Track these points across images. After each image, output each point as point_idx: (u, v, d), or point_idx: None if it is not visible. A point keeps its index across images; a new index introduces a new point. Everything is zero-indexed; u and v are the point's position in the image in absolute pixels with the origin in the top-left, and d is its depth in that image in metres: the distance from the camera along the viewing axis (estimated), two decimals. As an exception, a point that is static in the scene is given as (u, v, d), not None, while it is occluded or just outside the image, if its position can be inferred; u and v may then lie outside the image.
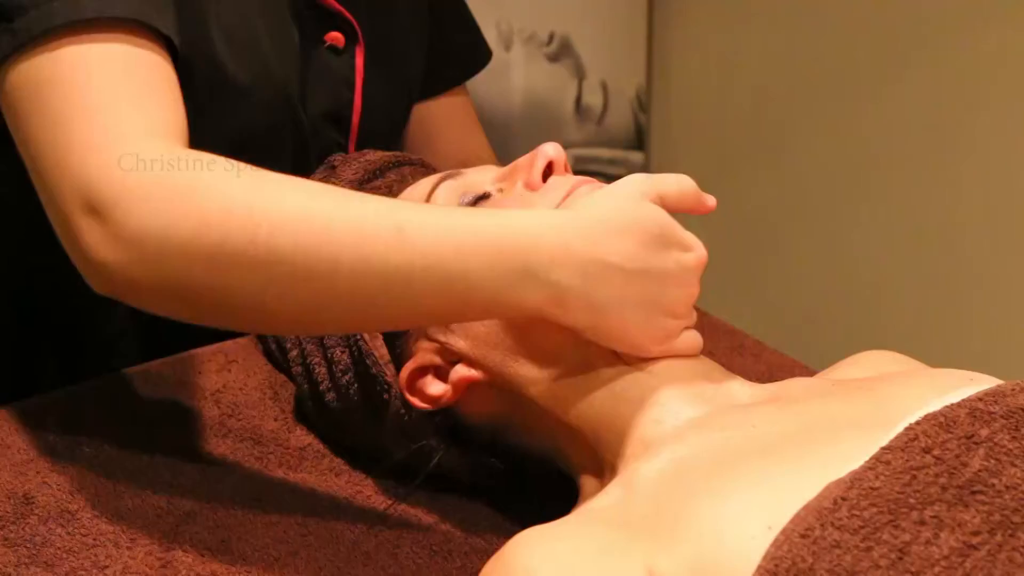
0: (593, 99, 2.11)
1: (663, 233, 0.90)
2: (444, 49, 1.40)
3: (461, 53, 1.45)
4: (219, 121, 1.11)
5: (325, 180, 1.14)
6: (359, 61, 1.24)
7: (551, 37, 2.04)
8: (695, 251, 0.92)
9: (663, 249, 0.90)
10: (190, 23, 1.04)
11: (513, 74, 1.93)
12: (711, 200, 0.96)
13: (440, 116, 1.42)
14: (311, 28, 1.21)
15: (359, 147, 1.27)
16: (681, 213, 0.94)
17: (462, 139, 1.41)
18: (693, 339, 0.94)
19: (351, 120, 1.26)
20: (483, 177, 1.02)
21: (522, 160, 1.00)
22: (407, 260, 0.84)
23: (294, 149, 1.21)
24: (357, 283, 0.84)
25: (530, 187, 0.98)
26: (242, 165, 0.88)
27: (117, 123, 0.88)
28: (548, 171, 0.99)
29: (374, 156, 1.14)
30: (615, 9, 2.16)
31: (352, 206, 0.86)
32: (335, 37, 1.23)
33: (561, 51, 2.06)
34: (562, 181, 0.98)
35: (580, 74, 2.09)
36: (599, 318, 0.89)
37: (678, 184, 0.93)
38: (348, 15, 1.23)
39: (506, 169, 1.01)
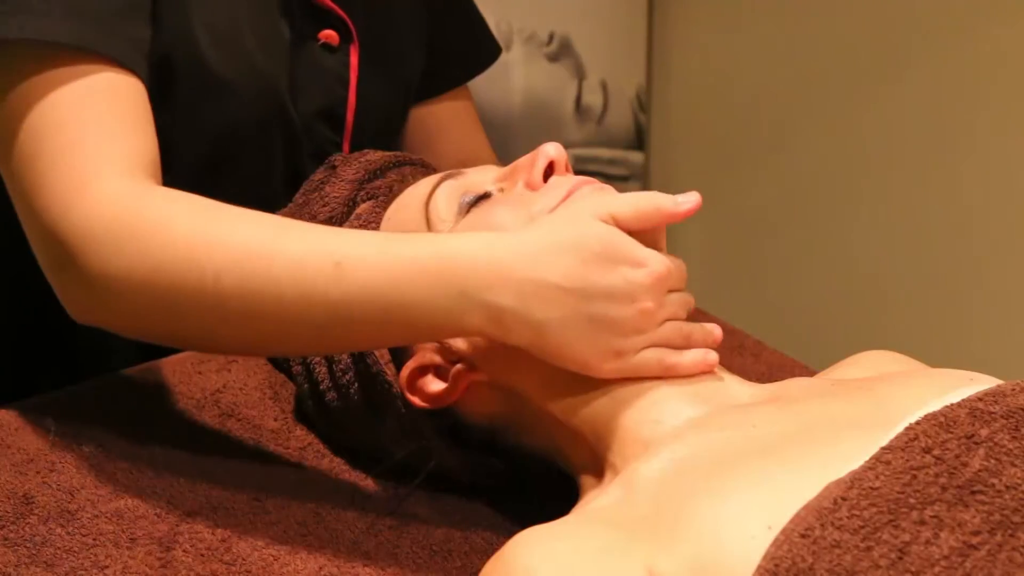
0: (593, 99, 2.11)
1: (607, 251, 0.89)
2: (445, 48, 1.40)
3: (463, 53, 1.44)
4: (203, 116, 1.13)
5: (325, 180, 1.14)
6: (353, 59, 1.25)
7: (551, 37, 2.04)
8: (647, 267, 0.89)
9: (607, 266, 0.88)
10: (171, 19, 1.07)
11: (513, 74, 1.93)
12: (685, 206, 0.92)
13: (441, 117, 1.41)
14: (304, 25, 1.21)
15: (354, 145, 1.27)
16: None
17: (463, 141, 1.41)
18: (656, 359, 0.91)
19: (345, 118, 1.26)
20: (484, 177, 1.02)
21: (523, 160, 1.00)
22: (346, 293, 0.88)
23: (285, 145, 1.21)
24: (302, 317, 0.89)
25: (531, 187, 0.98)
26: (197, 204, 0.93)
27: (82, 164, 0.93)
28: (549, 171, 0.99)
29: (374, 156, 1.14)
30: (615, 9, 2.16)
31: (293, 245, 0.89)
32: (329, 35, 1.23)
33: (561, 51, 2.06)
34: (563, 181, 0.98)
35: (580, 74, 2.09)
36: (540, 338, 0.89)
37: (633, 204, 0.91)
38: (342, 13, 1.23)
39: (507, 169, 1.01)
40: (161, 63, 1.08)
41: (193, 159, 1.15)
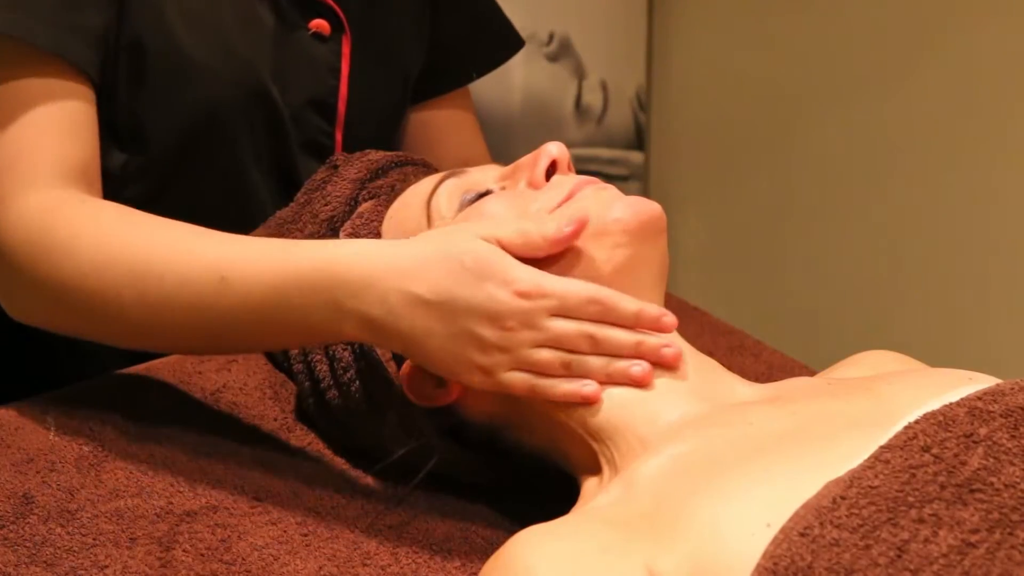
0: (593, 99, 2.11)
1: (478, 267, 0.89)
2: (451, 45, 1.40)
3: (470, 50, 1.43)
4: (178, 98, 1.14)
5: (327, 179, 1.14)
6: (345, 49, 1.25)
7: (551, 37, 2.03)
8: (515, 288, 0.89)
9: (475, 283, 0.89)
10: (143, 4, 1.10)
11: (513, 74, 1.93)
12: (568, 229, 0.91)
13: (442, 122, 1.41)
14: (293, 14, 1.22)
15: (347, 136, 1.27)
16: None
17: (462, 147, 1.41)
18: (523, 381, 0.90)
19: (336, 108, 1.26)
20: (486, 176, 1.02)
21: (525, 159, 1.00)
22: (231, 305, 0.94)
23: (269, 133, 1.21)
24: (195, 327, 0.96)
25: (533, 186, 0.98)
26: (104, 219, 1.00)
27: (6, 178, 1.01)
28: (551, 170, 0.99)
29: (376, 155, 1.14)
30: (615, 9, 2.16)
31: (183, 261, 0.95)
32: (319, 24, 1.23)
33: (561, 51, 2.05)
34: (565, 180, 0.98)
35: (580, 74, 2.09)
36: (409, 346, 0.91)
37: (519, 233, 0.91)
38: (331, 2, 1.23)
39: (509, 168, 1.01)
40: (133, 47, 1.11)
41: (171, 142, 1.16)
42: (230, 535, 0.94)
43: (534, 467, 0.99)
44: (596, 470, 0.92)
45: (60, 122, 1.04)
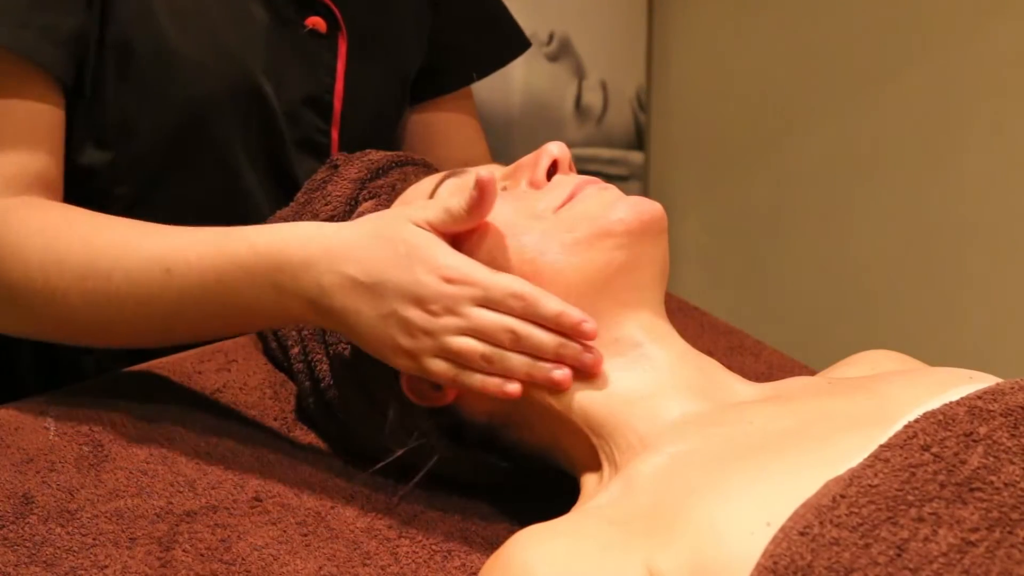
0: (593, 99, 2.11)
1: (410, 251, 0.91)
2: (453, 45, 1.39)
3: (473, 50, 1.43)
4: (166, 94, 1.14)
5: (328, 179, 1.14)
6: (342, 47, 1.25)
7: (551, 37, 2.04)
8: (442, 273, 0.90)
9: (404, 266, 0.91)
10: (128, 1, 1.10)
11: (513, 74, 1.93)
12: (482, 214, 0.92)
13: (444, 123, 1.41)
14: (289, 11, 1.22)
15: (343, 135, 1.27)
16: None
17: (464, 148, 1.41)
18: (445, 370, 0.91)
19: (332, 106, 1.26)
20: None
21: (526, 159, 1.00)
22: (179, 296, 0.97)
23: (262, 130, 1.21)
24: (144, 321, 0.99)
25: (534, 185, 0.98)
26: (50, 223, 1.02)
27: None
28: (552, 170, 0.99)
29: (377, 155, 1.14)
30: (615, 9, 2.16)
31: (128, 257, 0.98)
32: (315, 22, 1.23)
33: (561, 51, 2.06)
34: (566, 180, 0.98)
35: (580, 74, 2.09)
36: (343, 326, 0.94)
37: (445, 211, 0.93)
38: (327, 1, 1.23)
39: (510, 168, 1.02)
40: (120, 45, 1.11)
41: (160, 139, 1.16)
42: (230, 535, 0.94)
43: (534, 467, 0.99)
44: (596, 469, 0.92)
45: (20, 127, 1.06)
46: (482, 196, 0.92)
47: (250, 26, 1.19)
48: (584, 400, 0.92)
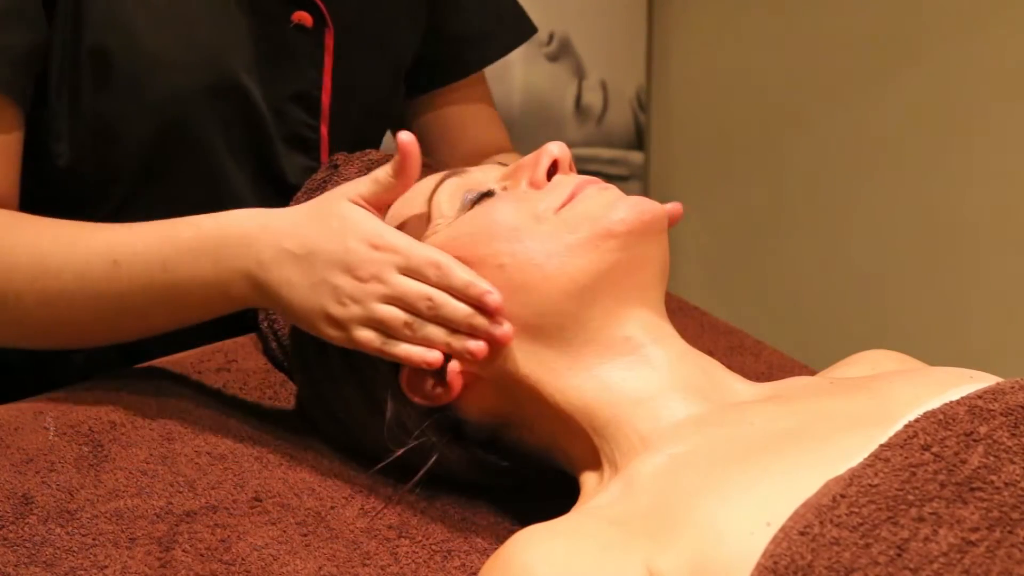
0: (593, 99, 2.11)
1: (343, 223, 0.95)
2: (457, 33, 1.38)
3: (478, 37, 1.42)
4: (146, 95, 1.14)
5: (328, 179, 1.14)
6: (328, 41, 1.24)
7: (551, 37, 2.04)
8: (368, 239, 0.94)
9: (337, 237, 0.94)
10: (100, 8, 1.10)
11: (513, 74, 1.93)
12: (410, 177, 0.96)
13: (458, 114, 1.40)
14: (275, 6, 1.21)
15: (333, 131, 1.26)
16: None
17: (482, 132, 1.40)
18: (373, 338, 0.94)
19: (320, 101, 1.25)
20: (487, 175, 1.02)
21: (527, 159, 1.00)
22: (127, 288, 1.00)
23: (247, 127, 1.20)
24: (96, 316, 1.02)
25: (534, 185, 0.98)
26: (4, 225, 1.04)
27: None
28: (553, 170, 0.99)
29: (377, 155, 1.14)
30: (615, 9, 2.16)
31: (77, 254, 1.01)
32: (301, 16, 1.22)
33: (561, 51, 2.06)
34: (566, 180, 0.98)
35: (580, 74, 2.09)
36: (278, 300, 0.97)
37: (374, 182, 0.97)
38: None
39: (510, 168, 1.01)
40: (95, 52, 1.11)
41: (143, 142, 1.16)
42: (230, 535, 0.94)
43: (534, 467, 0.99)
44: (596, 469, 0.92)
45: None
46: (405, 159, 0.95)
47: (232, 23, 1.18)
48: (585, 400, 0.92)
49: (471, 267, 0.94)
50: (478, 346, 0.93)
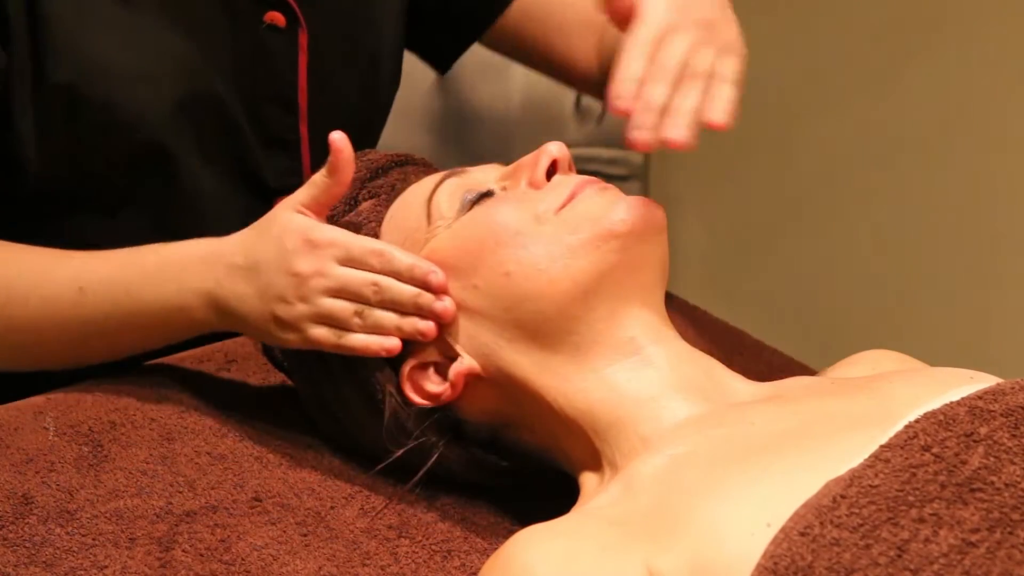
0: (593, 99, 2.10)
1: (282, 230, 0.97)
2: None
3: None
4: (115, 114, 1.13)
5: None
6: (303, 41, 1.22)
7: (551, 37, 2.03)
8: (300, 235, 0.96)
9: (276, 242, 0.97)
10: (62, 41, 1.09)
11: (513, 74, 1.92)
12: (344, 174, 0.98)
13: (534, 6, 1.37)
14: (245, 7, 1.18)
15: (314, 132, 1.24)
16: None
17: (574, 8, 1.35)
18: (328, 335, 0.96)
19: (297, 102, 1.23)
20: (487, 176, 1.02)
21: (526, 159, 1.00)
22: (92, 312, 1.03)
23: (221, 133, 1.19)
24: (61, 343, 1.05)
25: (534, 185, 0.98)
26: None
27: None
28: (552, 170, 0.99)
29: (376, 155, 1.14)
30: (615, 9, 2.15)
31: (43, 281, 1.04)
32: (274, 16, 1.20)
33: (561, 51, 2.05)
34: (566, 180, 0.98)
35: (580, 74, 2.08)
36: (235, 317, 0.99)
37: (310, 185, 0.99)
38: None
39: (510, 168, 1.01)
40: (59, 88, 1.10)
41: (115, 159, 1.15)
42: (229, 535, 0.94)
43: (534, 467, 0.99)
44: (596, 469, 0.92)
45: None
46: (336, 157, 0.97)
47: (204, 27, 1.16)
48: (589, 402, 0.92)
49: (475, 273, 0.94)
50: (427, 326, 0.95)
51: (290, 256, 0.96)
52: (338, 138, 0.97)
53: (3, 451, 0.99)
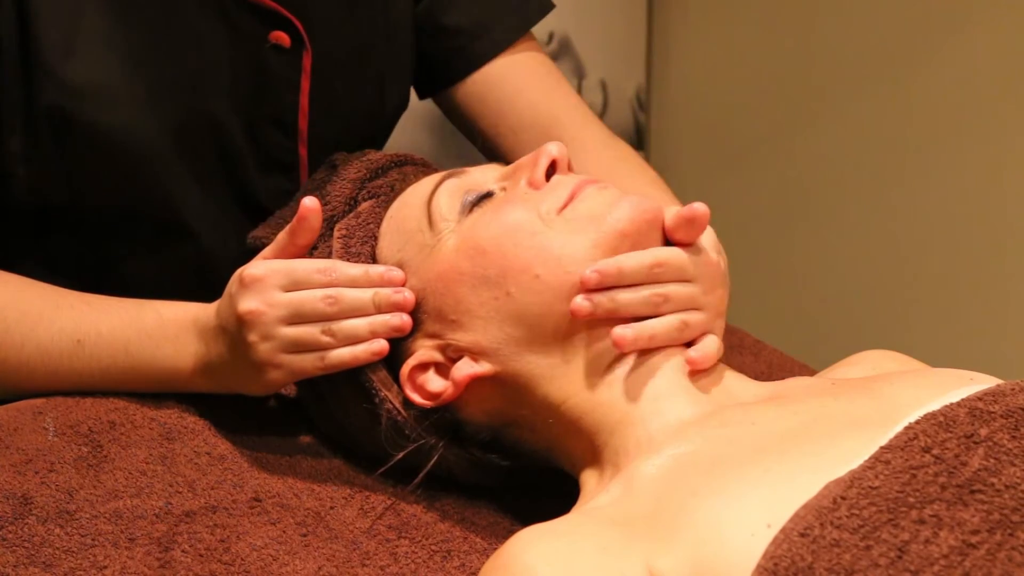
0: (593, 98, 2.11)
1: (240, 288, 0.97)
2: (458, 25, 1.29)
3: (480, 27, 1.30)
4: (111, 137, 1.11)
5: (326, 178, 1.14)
6: (306, 63, 1.18)
7: (551, 37, 2.03)
8: (246, 276, 0.96)
9: (227, 299, 0.98)
10: (55, 67, 1.08)
11: (513, 74, 1.93)
12: (304, 239, 0.98)
13: (512, 75, 1.30)
14: (249, 25, 1.15)
15: (311, 151, 1.21)
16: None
17: (543, 98, 1.30)
18: (313, 360, 0.96)
19: (297, 125, 1.20)
20: (486, 176, 1.02)
21: (526, 159, 1.00)
22: (87, 365, 1.04)
23: (217, 154, 1.17)
24: (52, 383, 1.05)
25: (533, 186, 0.98)
26: None
27: None
28: (552, 170, 0.99)
29: (376, 155, 1.14)
30: (615, 9, 2.16)
31: (40, 329, 1.04)
32: (279, 36, 1.16)
33: (561, 51, 2.06)
34: (565, 180, 0.98)
35: (580, 74, 2.09)
36: (220, 377, 1.01)
37: (273, 242, 1.00)
38: (287, 13, 1.16)
39: (509, 168, 1.01)
40: (51, 110, 1.09)
41: (108, 183, 1.13)
42: (229, 535, 0.94)
43: (534, 467, 0.99)
44: (597, 468, 0.92)
45: None
46: (300, 223, 0.98)
47: (207, 46, 1.14)
48: (593, 403, 0.92)
49: (505, 279, 0.93)
50: (401, 319, 0.96)
51: (235, 301, 0.97)
52: (309, 204, 0.98)
53: (3, 451, 0.99)
